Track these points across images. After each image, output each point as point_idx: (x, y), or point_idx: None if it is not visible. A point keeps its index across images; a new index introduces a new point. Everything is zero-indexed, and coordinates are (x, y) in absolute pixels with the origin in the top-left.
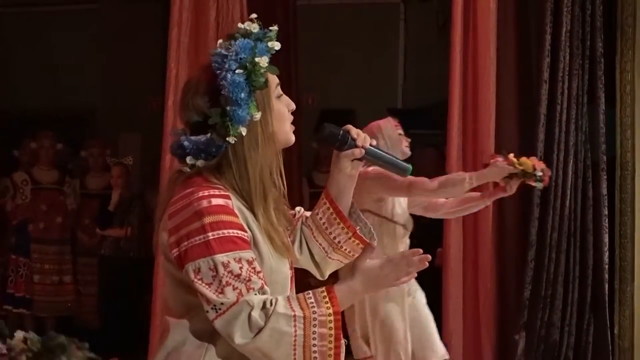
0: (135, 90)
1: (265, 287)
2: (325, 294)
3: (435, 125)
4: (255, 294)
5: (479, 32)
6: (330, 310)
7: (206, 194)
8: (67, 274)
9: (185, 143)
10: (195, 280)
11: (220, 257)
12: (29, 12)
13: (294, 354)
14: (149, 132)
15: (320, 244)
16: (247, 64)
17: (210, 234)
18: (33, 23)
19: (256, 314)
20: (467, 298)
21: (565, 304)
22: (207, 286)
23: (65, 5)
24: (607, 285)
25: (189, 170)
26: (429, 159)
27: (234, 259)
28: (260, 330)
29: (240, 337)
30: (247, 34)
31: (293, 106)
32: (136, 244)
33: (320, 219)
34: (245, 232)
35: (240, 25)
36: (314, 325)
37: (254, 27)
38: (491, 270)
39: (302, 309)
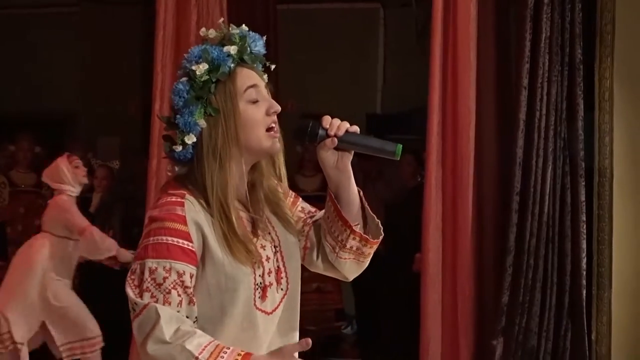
0: (114, 94)
1: (185, 305)
2: (240, 356)
3: (415, 130)
4: (170, 308)
5: (459, 37)
6: None
7: (164, 200)
8: None
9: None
10: (128, 279)
11: (150, 262)
12: (7, 14)
13: None
14: (127, 135)
15: (329, 244)
16: (189, 71)
17: (151, 238)
18: (11, 25)
19: (165, 326)
20: (446, 303)
21: (543, 310)
22: (133, 287)
23: (45, 7)
24: (584, 292)
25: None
26: (407, 164)
27: (164, 268)
28: (162, 344)
29: (149, 344)
30: (205, 41)
31: (275, 108)
32: None
33: (327, 217)
34: (191, 241)
35: (201, 31)
36: None
37: (211, 33)
38: (470, 276)
39: (210, 356)
